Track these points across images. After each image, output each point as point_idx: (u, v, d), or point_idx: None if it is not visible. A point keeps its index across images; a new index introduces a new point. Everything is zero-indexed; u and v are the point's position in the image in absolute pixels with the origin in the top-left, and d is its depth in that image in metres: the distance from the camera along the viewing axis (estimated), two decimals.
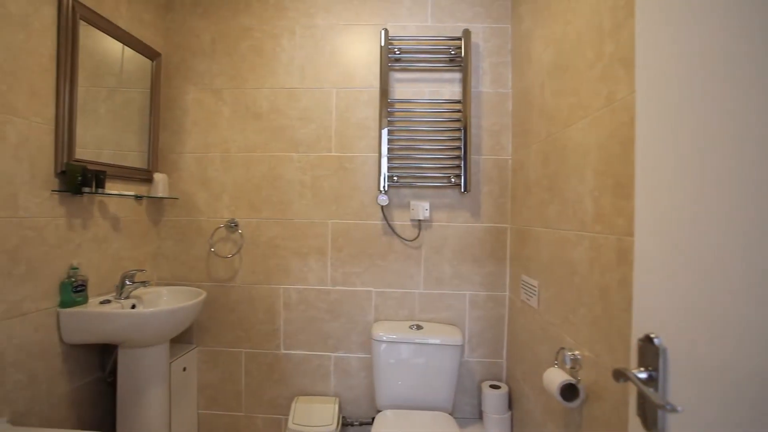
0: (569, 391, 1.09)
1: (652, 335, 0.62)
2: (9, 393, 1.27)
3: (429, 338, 1.72)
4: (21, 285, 1.31)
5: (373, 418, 1.69)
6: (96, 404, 1.62)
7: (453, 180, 1.84)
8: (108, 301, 1.57)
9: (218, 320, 1.97)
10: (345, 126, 1.93)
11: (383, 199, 1.85)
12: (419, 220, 1.89)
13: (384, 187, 1.84)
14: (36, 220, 1.36)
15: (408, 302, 1.91)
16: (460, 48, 1.85)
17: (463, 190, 1.82)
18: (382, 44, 1.86)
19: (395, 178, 1.86)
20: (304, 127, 1.94)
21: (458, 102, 1.86)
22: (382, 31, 1.85)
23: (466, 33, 1.84)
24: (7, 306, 1.26)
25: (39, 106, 1.37)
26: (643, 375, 0.61)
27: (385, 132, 1.84)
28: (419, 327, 1.79)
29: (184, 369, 1.86)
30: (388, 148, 1.85)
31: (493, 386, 1.79)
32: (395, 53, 1.89)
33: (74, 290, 1.47)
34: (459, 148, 1.84)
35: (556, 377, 1.13)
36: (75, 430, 1.29)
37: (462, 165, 1.82)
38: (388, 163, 1.85)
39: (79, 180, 1.44)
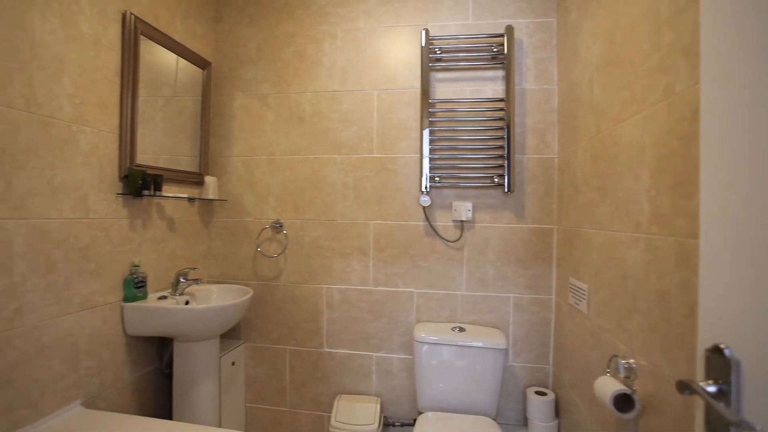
0: (623, 402, 1.04)
1: (721, 345, 0.57)
2: (82, 378, 1.38)
3: (472, 341, 1.69)
4: (91, 280, 1.42)
5: (414, 420, 1.69)
6: (155, 393, 1.73)
7: (496, 180, 1.80)
8: (165, 297, 1.67)
9: (264, 318, 2.04)
10: (386, 127, 1.94)
11: (425, 200, 1.84)
12: (462, 220, 1.86)
13: (426, 187, 1.83)
14: (103, 221, 1.47)
15: (450, 304, 1.89)
16: (503, 45, 1.81)
17: (506, 190, 1.77)
18: (423, 44, 1.85)
19: (437, 178, 1.85)
20: (346, 129, 1.97)
21: (501, 100, 1.82)
22: (423, 32, 1.85)
23: (509, 29, 1.79)
24: (80, 299, 1.37)
25: (106, 117, 1.48)
26: (712, 388, 0.57)
27: (426, 132, 1.83)
28: (462, 329, 1.77)
29: (233, 363, 1.95)
30: (430, 149, 1.84)
31: (538, 392, 1.74)
32: (436, 53, 1.87)
33: (136, 286, 1.58)
34: (502, 147, 1.80)
35: (608, 386, 1.07)
36: (138, 415, 1.39)
37: (505, 164, 1.78)
38: (430, 163, 1.84)
39: (139, 183, 1.55)
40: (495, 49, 1.83)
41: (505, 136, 1.78)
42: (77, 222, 1.37)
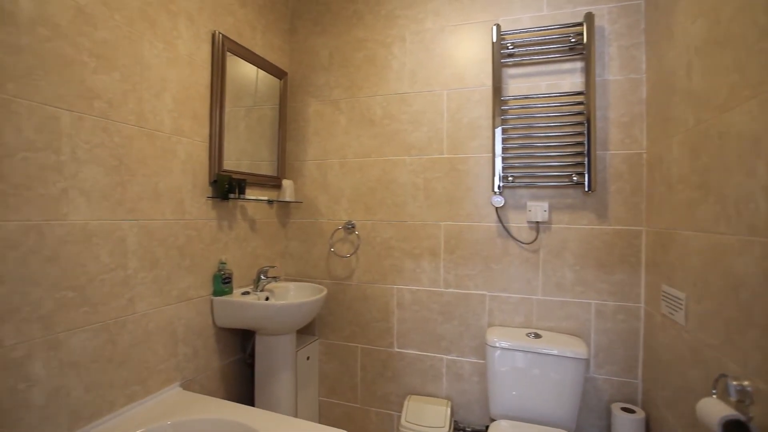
0: (735, 430, 0.92)
1: None
2: (180, 363, 1.54)
3: (548, 348, 1.60)
4: (187, 275, 1.58)
5: (486, 427, 1.65)
6: (239, 380, 1.87)
7: (575, 179, 1.69)
8: (247, 293, 1.80)
9: (337, 315, 2.12)
10: (456, 127, 1.91)
11: (498, 200, 1.78)
12: (537, 221, 1.78)
13: (498, 187, 1.77)
14: (196, 222, 1.62)
15: (524, 308, 1.81)
16: (582, 34, 1.70)
17: (587, 190, 1.66)
18: (494, 40, 1.80)
19: (510, 178, 1.78)
20: (416, 131, 1.98)
21: (580, 93, 1.71)
22: (494, 27, 1.80)
23: (589, 17, 1.68)
24: (178, 292, 1.53)
25: (198, 128, 1.63)
26: None
27: (498, 131, 1.78)
28: (537, 335, 1.68)
29: (308, 358, 2.04)
30: (503, 147, 1.78)
31: (625, 409, 1.60)
32: (508, 48, 1.81)
33: (223, 282, 1.72)
34: (582, 143, 1.69)
35: (715, 410, 0.95)
36: (225, 399, 1.51)
37: (585, 162, 1.66)
38: (503, 162, 1.78)
39: (226, 188, 1.69)
40: (573, 40, 1.72)
41: (585, 132, 1.67)
42: (176, 223, 1.52)
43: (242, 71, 1.89)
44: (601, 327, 1.71)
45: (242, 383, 1.88)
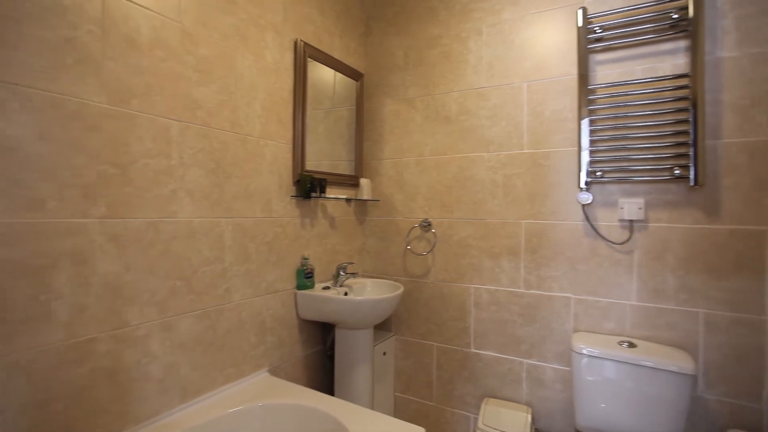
0: None
1: None
2: (268, 350, 1.66)
3: (646, 360, 1.45)
4: (274, 269, 1.70)
5: None
6: (319, 370, 1.97)
7: (677, 172, 1.51)
8: (328, 288, 1.89)
9: (413, 313, 2.13)
10: (538, 121, 1.81)
11: (585, 197, 1.66)
12: (630, 220, 1.62)
13: (585, 183, 1.65)
14: (282, 219, 1.74)
15: (615, 314, 1.66)
16: (686, 8, 1.50)
17: (692, 184, 1.47)
18: (580, 25, 1.67)
19: (599, 173, 1.65)
20: (494, 126, 1.91)
21: (684, 76, 1.52)
22: (579, 11, 1.67)
23: None
24: (266, 284, 1.66)
25: (283, 131, 1.75)
26: None
27: (585, 122, 1.65)
28: (632, 344, 1.54)
29: (384, 353, 2.08)
30: (590, 140, 1.65)
31: None
32: (595, 32, 1.67)
33: (305, 276, 1.82)
34: (686, 132, 1.50)
35: None
36: (307, 387, 1.60)
37: (691, 153, 1.48)
38: (590, 156, 1.65)
39: (308, 187, 1.78)
40: (675, 16, 1.53)
41: (691, 119, 1.48)
42: (264, 220, 1.65)
43: (321, 75, 1.98)
44: (712, 340, 1.51)
45: (322, 373, 1.98)
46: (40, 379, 0.98)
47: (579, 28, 1.68)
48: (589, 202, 1.66)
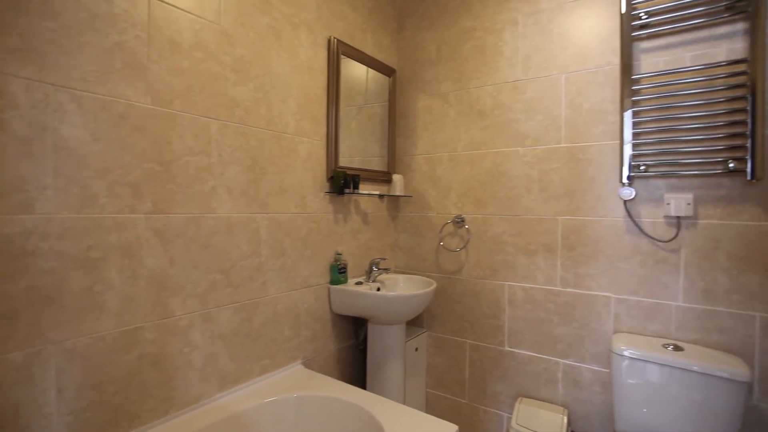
0: None
1: None
2: (302, 343, 1.70)
3: (694, 364, 1.37)
4: (309, 264, 1.73)
5: None
6: (352, 364, 2.00)
7: (732, 165, 1.41)
8: (360, 283, 1.91)
9: (445, 309, 2.12)
10: (576, 113, 1.75)
11: (627, 192, 1.58)
12: (677, 216, 1.53)
13: (627, 178, 1.57)
14: (316, 215, 1.77)
15: (660, 315, 1.58)
16: None
17: (749, 178, 1.37)
18: (623, 11, 1.59)
19: (642, 167, 1.57)
20: (529, 120, 1.86)
21: (741, 62, 1.41)
22: None
23: None
24: (301, 279, 1.69)
25: (317, 127, 1.77)
26: None
27: (628, 114, 1.57)
28: (678, 348, 1.46)
29: (416, 349, 2.08)
30: (633, 133, 1.57)
31: None
32: (640, 18, 1.58)
33: (339, 271, 1.84)
34: (742, 122, 1.40)
35: None
36: (340, 381, 1.63)
37: (748, 144, 1.38)
38: (633, 150, 1.57)
39: (341, 183, 1.80)
40: None
41: (749, 108, 1.38)
42: (298, 216, 1.68)
43: (353, 72, 1.99)
44: None
45: (354, 367, 2.00)
46: (95, 364, 1.06)
47: (622, 15, 1.60)
48: (631, 197, 1.59)
